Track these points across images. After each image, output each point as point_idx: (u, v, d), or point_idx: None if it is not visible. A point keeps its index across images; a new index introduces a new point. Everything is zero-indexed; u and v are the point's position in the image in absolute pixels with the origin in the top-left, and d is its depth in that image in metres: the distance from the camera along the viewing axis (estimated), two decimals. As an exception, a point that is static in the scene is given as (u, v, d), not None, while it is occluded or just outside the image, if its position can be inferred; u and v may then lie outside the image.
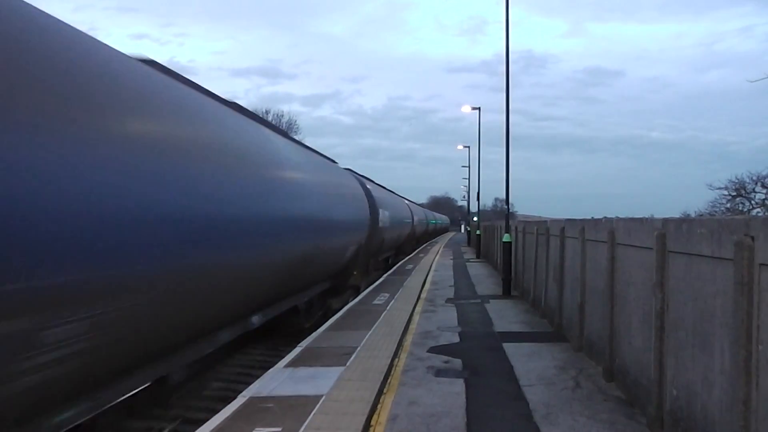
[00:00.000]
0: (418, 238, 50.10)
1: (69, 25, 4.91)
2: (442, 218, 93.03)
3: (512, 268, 17.48)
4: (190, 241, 5.66)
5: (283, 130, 13.44)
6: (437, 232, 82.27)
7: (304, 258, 10.68)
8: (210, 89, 8.36)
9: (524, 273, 16.35)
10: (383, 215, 22.12)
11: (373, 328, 10.96)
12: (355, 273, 17.31)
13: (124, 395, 5.42)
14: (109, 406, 5.11)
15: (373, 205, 20.17)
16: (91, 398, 4.84)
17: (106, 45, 5.39)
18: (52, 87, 4.05)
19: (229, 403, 6.52)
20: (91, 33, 5.28)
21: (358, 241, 16.81)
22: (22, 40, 3.89)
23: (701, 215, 31.11)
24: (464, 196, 72.06)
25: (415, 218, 41.84)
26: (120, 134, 4.71)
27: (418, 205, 63.72)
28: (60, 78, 4.20)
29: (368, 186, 21.12)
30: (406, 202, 42.54)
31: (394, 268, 26.56)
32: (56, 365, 4.07)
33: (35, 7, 4.45)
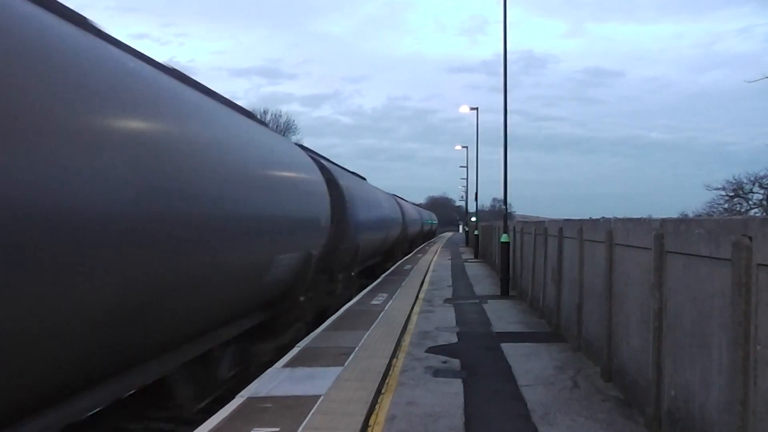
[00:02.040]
0: (411, 241, 44.31)
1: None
2: (429, 215, 72.97)
3: (510, 268, 17.50)
4: None
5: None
6: (423, 237, 60.37)
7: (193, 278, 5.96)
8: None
9: (522, 273, 16.36)
10: (356, 212, 15.98)
11: (372, 328, 10.96)
12: (303, 298, 10.98)
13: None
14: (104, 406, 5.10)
15: (338, 197, 14.04)
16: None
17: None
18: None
19: (228, 403, 6.52)
20: None
21: (306, 251, 10.43)
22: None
23: (699, 216, 31.16)
24: (462, 197, 72.10)
25: (407, 217, 35.30)
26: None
27: (412, 203, 56.69)
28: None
29: (330, 169, 14.42)
30: (395, 197, 34.74)
31: (392, 268, 26.46)
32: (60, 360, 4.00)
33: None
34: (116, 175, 4.41)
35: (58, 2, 4.80)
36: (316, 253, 11.32)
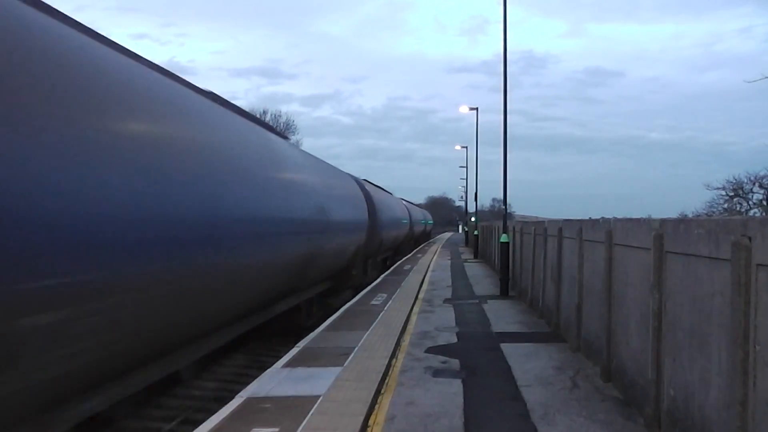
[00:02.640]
0: (416, 239, 49.59)
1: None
2: (424, 214, 64.16)
3: (510, 268, 17.50)
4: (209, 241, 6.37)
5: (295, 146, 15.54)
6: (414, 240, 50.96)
7: (307, 257, 11.47)
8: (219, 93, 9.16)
9: (522, 273, 16.36)
10: (381, 216, 22.89)
11: (371, 328, 10.96)
12: (354, 273, 17.62)
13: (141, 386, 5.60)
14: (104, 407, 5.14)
15: (371, 207, 20.78)
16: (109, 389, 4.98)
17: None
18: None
19: (227, 403, 6.51)
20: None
21: (357, 242, 17.57)
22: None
23: (699, 216, 31.16)
24: (462, 197, 72.05)
25: (413, 218, 41.85)
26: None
27: (416, 205, 61.36)
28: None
29: (366, 188, 21.84)
30: (404, 202, 42.47)
31: (392, 268, 26.54)
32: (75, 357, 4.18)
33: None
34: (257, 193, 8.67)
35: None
36: (361, 243, 18.62)
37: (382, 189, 30.94)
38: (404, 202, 41.65)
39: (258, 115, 58.97)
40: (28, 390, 3.89)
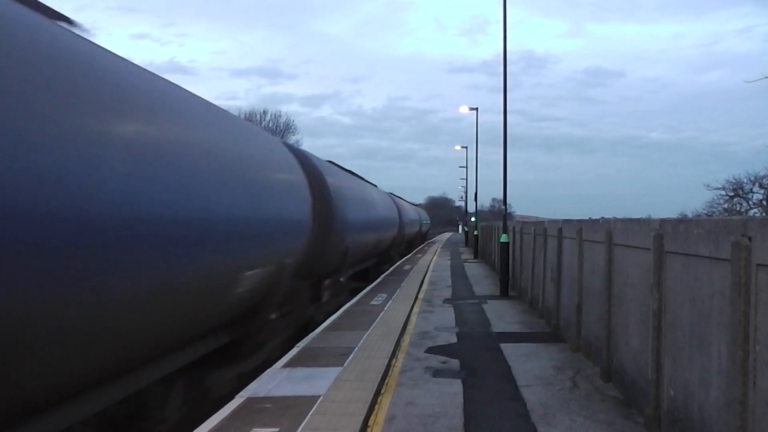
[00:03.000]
0: (409, 241, 40.93)
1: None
2: (419, 213, 52.34)
3: (510, 268, 17.50)
4: None
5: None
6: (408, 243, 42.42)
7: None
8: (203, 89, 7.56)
9: (522, 273, 16.36)
10: (403, 218, 19.63)
11: (371, 328, 10.96)
12: (273, 317, 9.13)
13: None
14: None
15: (322, 197, 12.15)
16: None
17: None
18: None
19: (227, 403, 6.51)
20: (91, 33, 5.26)
21: (278, 260, 8.57)
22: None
23: (699, 216, 31.18)
24: (462, 197, 72.04)
25: (405, 218, 32.73)
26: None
27: (411, 203, 51.84)
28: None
29: (316, 166, 12.63)
30: (392, 198, 31.74)
31: (392, 269, 26.42)
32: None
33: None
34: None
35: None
36: (291, 260, 9.32)
37: (350, 172, 19.84)
38: (393, 197, 31.76)
39: (259, 116, 58.76)
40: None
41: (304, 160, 12.10)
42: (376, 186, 26.95)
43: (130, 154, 4.56)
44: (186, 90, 7.00)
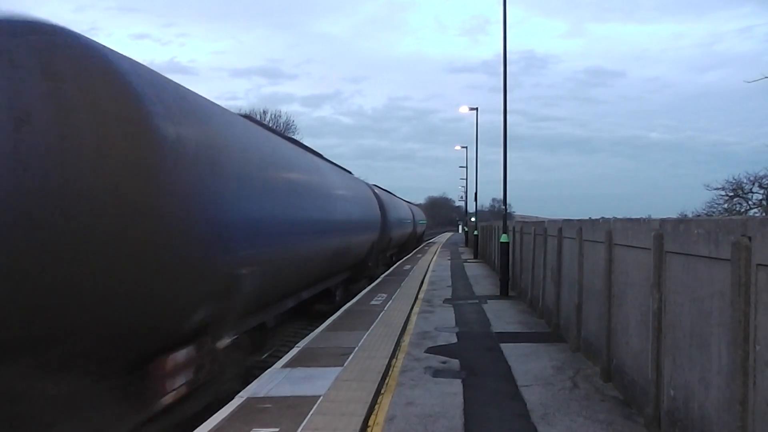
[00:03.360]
0: (402, 244, 40.60)
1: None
2: (413, 212, 45.86)
3: (510, 268, 17.49)
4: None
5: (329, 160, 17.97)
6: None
7: (338, 250, 14.31)
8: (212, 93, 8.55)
9: (522, 273, 16.36)
10: (389, 217, 25.22)
11: (371, 328, 10.96)
12: (369, 265, 20.82)
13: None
14: None
15: (382, 208, 23.30)
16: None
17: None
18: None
19: (227, 403, 6.51)
20: (92, 33, 5.22)
21: (371, 239, 20.57)
22: None
23: (699, 216, 31.16)
24: (462, 197, 72.04)
25: (391, 216, 36.72)
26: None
27: (403, 200, 51.12)
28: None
29: (376, 191, 24.82)
30: (406, 203, 43.73)
31: (392, 269, 26.52)
32: None
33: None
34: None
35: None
36: (375, 239, 21.29)
37: (389, 192, 32.76)
38: (377, 189, 26.69)
39: (258, 116, 58.96)
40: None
41: (372, 187, 24.91)
42: (351, 173, 22.36)
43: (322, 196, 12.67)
44: (326, 160, 15.92)
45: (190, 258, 5.78)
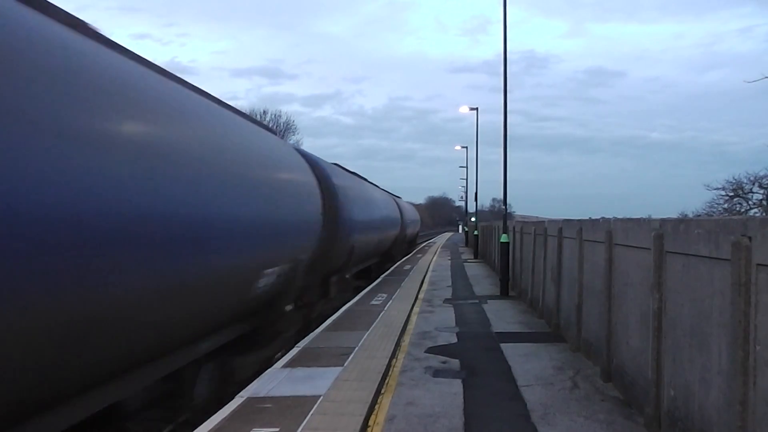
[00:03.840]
0: (410, 241, 38.15)
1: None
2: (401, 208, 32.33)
3: (510, 268, 17.49)
4: None
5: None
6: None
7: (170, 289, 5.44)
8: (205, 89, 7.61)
9: (522, 273, 16.36)
10: (351, 212, 14.59)
11: (371, 328, 10.96)
12: (288, 308, 9.81)
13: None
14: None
15: (330, 197, 12.59)
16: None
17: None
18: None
19: (227, 403, 6.51)
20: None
21: (294, 257, 9.37)
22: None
23: (699, 216, 31.15)
24: (462, 197, 72.04)
25: (405, 217, 31.00)
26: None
27: (392, 195, 35.82)
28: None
29: (323, 168, 13.27)
30: (389, 194, 30.34)
31: (392, 269, 26.41)
32: None
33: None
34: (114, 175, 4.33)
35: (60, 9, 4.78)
36: (305, 257, 10.21)
37: (352, 173, 19.48)
38: (395, 197, 25.14)
39: (258, 116, 58.79)
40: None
41: (312, 162, 12.78)
42: (377, 186, 25.13)
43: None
44: (191, 85, 7.20)
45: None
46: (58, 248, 3.67)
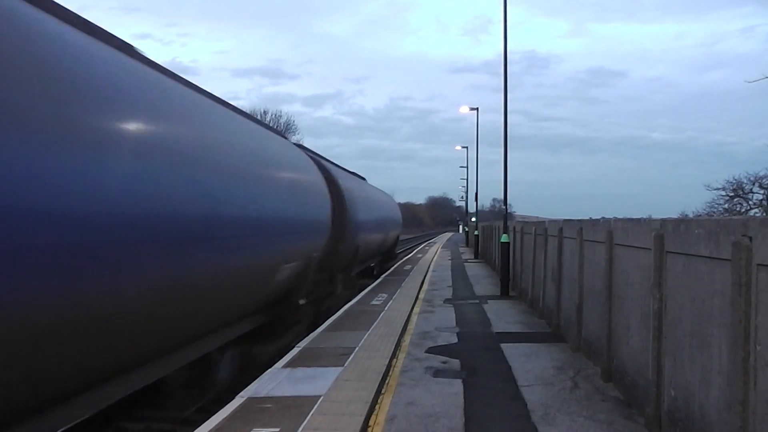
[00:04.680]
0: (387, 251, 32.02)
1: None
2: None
3: (510, 268, 17.49)
4: None
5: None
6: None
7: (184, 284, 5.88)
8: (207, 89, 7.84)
9: (522, 273, 16.36)
10: (356, 212, 15.06)
11: (371, 328, 10.95)
12: (302, 302, 10.69)
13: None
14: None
15: (338, 198, 13.43)
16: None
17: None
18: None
19: (227, 403, 6.51)
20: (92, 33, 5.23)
21: (307, 255, 10.34)
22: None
23: (699, 216, 31.13)
24: (462, 197, 72.04)
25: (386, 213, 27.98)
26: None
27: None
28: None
29: (329, 169, 13.84)
30: (389, 196, 30.88)
31: (392, 269, 26.43)
32: None
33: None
34: (123, 175, 4.58)
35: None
36: (317, 255, 11.14)
37: (356, 175, 21.01)
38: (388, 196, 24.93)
39: (259, 116, 58.93)
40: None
41: (320, 164, 13.61)
42: (375, 187, 25.83)
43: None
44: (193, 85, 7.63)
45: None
46: (113, 243, 4.37)
